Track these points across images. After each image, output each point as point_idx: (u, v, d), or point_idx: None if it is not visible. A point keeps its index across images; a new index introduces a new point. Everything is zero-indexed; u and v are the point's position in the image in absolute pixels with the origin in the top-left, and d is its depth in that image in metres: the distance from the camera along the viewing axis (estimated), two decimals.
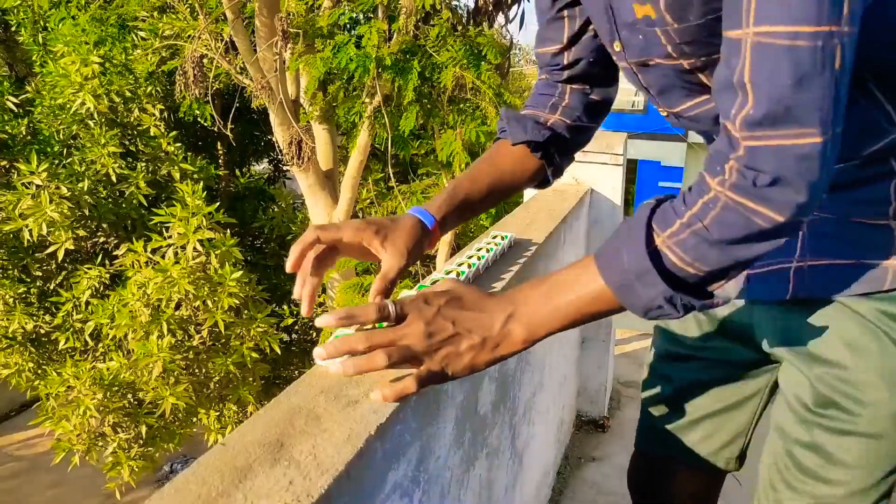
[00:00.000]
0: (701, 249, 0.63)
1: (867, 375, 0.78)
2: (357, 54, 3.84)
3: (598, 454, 2.55)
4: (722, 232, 0.62)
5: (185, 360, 3.89)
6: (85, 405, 3.68)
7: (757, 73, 0.58)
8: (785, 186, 0.59)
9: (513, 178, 0.99)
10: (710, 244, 0.63)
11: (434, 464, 0.91)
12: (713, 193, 0.63)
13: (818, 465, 0.83)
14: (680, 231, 0.64)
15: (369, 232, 0.81)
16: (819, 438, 0.82)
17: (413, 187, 5.02)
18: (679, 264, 0.64)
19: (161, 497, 0.57)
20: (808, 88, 0.56)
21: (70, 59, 4.42)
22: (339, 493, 0.62)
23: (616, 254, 0.67)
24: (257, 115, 6.77)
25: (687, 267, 0.64)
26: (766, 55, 0.57)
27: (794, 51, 0.56)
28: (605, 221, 2.58)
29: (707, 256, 0.63)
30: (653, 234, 0.65)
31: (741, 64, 0.59)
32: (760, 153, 0.59)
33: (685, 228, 0.63)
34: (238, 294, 3.89)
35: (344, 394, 0.76)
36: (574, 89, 0.99)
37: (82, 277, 4.30)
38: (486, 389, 1.19)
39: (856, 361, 0.78)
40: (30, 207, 3.83)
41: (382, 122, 4.31)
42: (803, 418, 0.84)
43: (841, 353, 0.79)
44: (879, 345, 0.77)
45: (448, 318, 0.69)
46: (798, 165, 0.58)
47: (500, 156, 1.00)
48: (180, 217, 3.87)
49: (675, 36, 0.70)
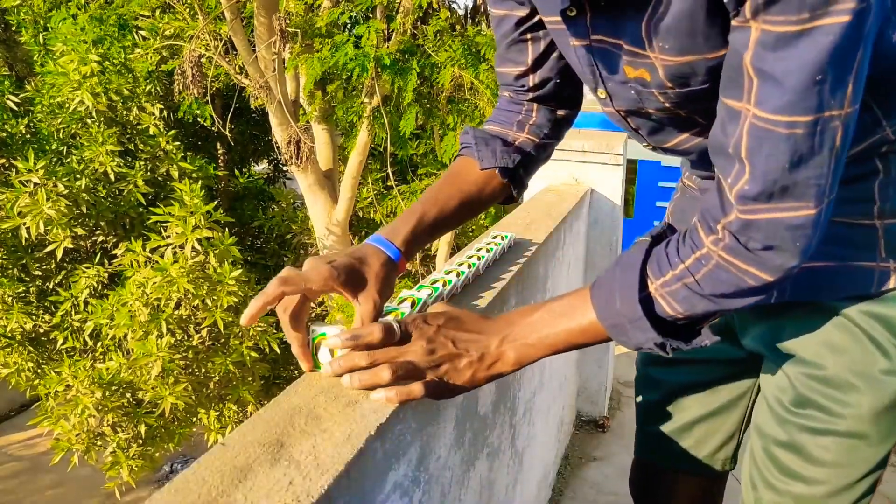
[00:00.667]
0: (692, 301, 0.65)
1: (847, 376, 0.78)
2: (356, 54, 3.84)
3: (598, 454, 2.55)
4: (713, 287, 0.64)
5: (184, 360, 3.88)
6: (84, 404, 3.68)
7: (753, 154, 0.59)
8: (777, 252, 0.61)
9: (479, 200, 0.95)
10: (701, 297, 0.65)
11: (434, 464, 0.91)
12: (706, 250, 0.64)
13: (797, 464, 0.83)
14: (672, 282, 0.66)
15: (338, 281, 0.77)
16: (798, 438, 0.82)
17: (413, 187, 5.02)
18: (670, 312, 0.67)
19: (161, 497, 0.56)
20: (803, 169, 0.57)
21: (69, 58, 4.42)
22: (339, 493, 0.61)
23: (610, 295, 0.69)
24: (257, 114, 6.78)
25: (677, 315, 0.67)
26: (764, 139, 0.57)
27: (792, 137, 0.56)
28: (605, 221, 2.58)
29: (696, 307, 0.66)
30: (646, 280, 0.67)
31: (738, 137, 0.59)
32: (753, 224, 0.61)
33: (677, 280, 0.66)
34: (237, 293, 3.89)
35: (344, 394, 0.76)
36: (541, 107, 0.96)
37: (81, 277, 4.29)
38: (486, 389, 1.19)
39: (835, 362, 0.78)
40: (27, 205, 3.82)
41: (381, 122, 4.31)
42: (782, 418, 0.84)
43: (821, 354, 0.79)
44: (860, 346, 0.77)
45: (448, 337, 0.73)
46: (790, 234, 0.60)
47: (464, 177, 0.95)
48: (178, 216, 3.87)
49: (673, 96, 0.70)
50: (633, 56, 0.67)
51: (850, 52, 0.53)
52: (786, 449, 0.83)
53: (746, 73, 0.57)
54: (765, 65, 0.55)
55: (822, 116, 0.55)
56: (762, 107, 0.56)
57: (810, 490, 0.82)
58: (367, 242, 0.84)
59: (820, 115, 0.55)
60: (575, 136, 2.56)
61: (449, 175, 0.96)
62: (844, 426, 0.78)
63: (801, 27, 0.52)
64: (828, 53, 0.52)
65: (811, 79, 0.53)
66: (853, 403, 0.78)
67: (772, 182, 0.59)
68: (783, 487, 0.84)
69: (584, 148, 2.43)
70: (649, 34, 0.64)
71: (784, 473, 0.84)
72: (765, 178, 0.59)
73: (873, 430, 0.78)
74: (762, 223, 0.60)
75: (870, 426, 0.78)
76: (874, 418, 0.77)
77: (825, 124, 0.55)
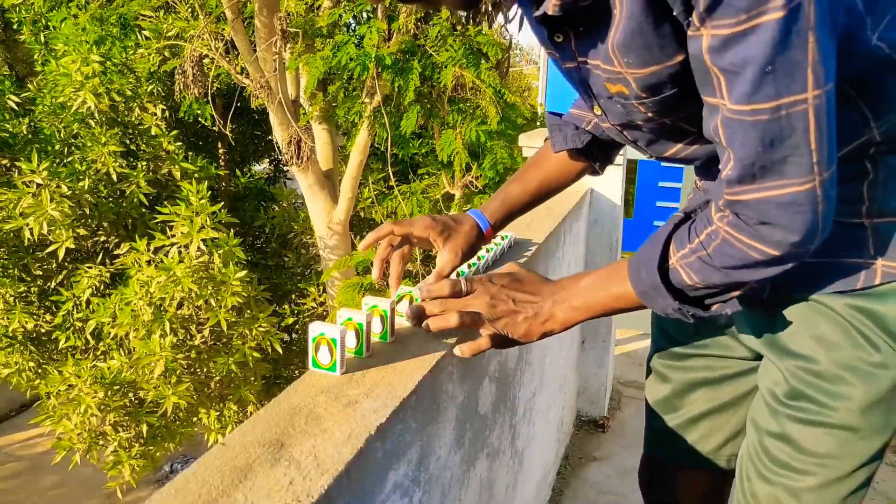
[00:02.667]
0: (706, 272, 0.72)
1: (837, 369, 0.80)
2: (357, 53, 3.84)
3: (598, 454, 2.55)
4: (723, 260, 0.71)
5: (186, 360, 3.88)
6: (86, 404, 3.68)
7: (730, 141, 0.65)
8: (774, 227, 0.66)
9: (559, 179, 1.12)
10: (714, 268, 0.72)
11: (434, 464, 0.91)
12: (715, 227, 0.71)
13: (789, 455, 0.84)
14: (688, 255, 0.74)
15: (436, 231, 0.98)
16: (789, 430, 0.84)
17: (413, 187, 5.02)
18: (688, 282, 0.74)
19: (161, 497, 0.57)
20: (778, 149, 0.63)
21: (71, 58, 4.42)
22: (339, 493, 0.62)
23: (639, 266, 0.78)
24: (258, 114, 6.78)
25: (694, 284, 0.74)
26: (735, 127, 0.64)
27: (759, 124, 0.62)
28: (605, 221, 2.58)
29: (711, 278, 0.72)
30: (668, 253, 0.76)
31: (717, 127, 0.66)
32: (742, 203, 0.67)
33: (692, 253, 0.73)
34: (241, 293, 3.89)
35: (344, 394, 0.76)
36: None
37: (83, 276, 4.29)
38: (486, 389, 1.19)
39: (827, 356, 0.81)
40: (30, 206, 3.82)
41: (382, 122, 4.31)
42: (775, 410, 0.86)
43: (812, 348, 0.82)
44: (850, 340, 0.79)
45: (509, 296, 0.84)
46: (782, 211, 0.65)
47: (546, 159, 1.12)
48: (184, 216, 3.87)
49: (652, 105, 0.75)
50: (609, 73, 0.74)
51: (795, 42, 0.58)
52: (778, 440, 0.85)
53: (712, 72, 0.63)
54: (724, 63, 0.61)
55: (781, 102, 0.61)
56: (730, 99, 0.63)
57: (802, 481, 0.83)
58: (465, 212, 1.05)
59: (779, 100, 0.61)
60: None
61: (534, 158, 1.14)
62: (836, 418, 0.80)
63: (741, 27, 0.59)
64: (770, 46, 0.58)
65: (761, 70, 0.60)
66: (845, 396, 0.79)
67: (749, 164, 0.65)
68: (775, 479, 0.86)
69: None
70: (614, 52, 0.71)
71: (776, 464, 0.85)
72: (742, 161, 0.65)
73: (865, 424, 0.80)
74: (751, 202, 0.66)
75: (861, 419, 0.79)
76: (865, 411, 0.79)
77: (789, 108, 0.61)
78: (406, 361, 0.86)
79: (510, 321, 0.83)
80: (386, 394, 0.76)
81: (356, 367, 0.84)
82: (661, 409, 1.12)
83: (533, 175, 1.11)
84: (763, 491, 0.88)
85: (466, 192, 4.73)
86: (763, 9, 0.57)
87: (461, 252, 0.99)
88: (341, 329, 0.81)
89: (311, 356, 0.81)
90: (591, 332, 2.66)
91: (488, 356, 1.19)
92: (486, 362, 1.17)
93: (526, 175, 1.12)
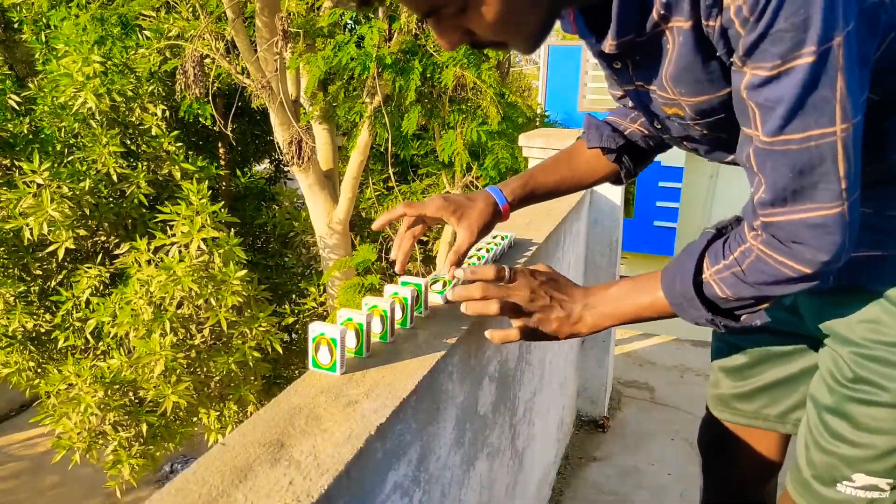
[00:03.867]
0: (738, 287, 0.78)
1: (889, 354, 0.86)
2: (358, 53, 3.84)
3: (598, 454, 2.55)
4: (756, 277, 0.76)
5: (186, 359, 3.88)
6: (86, 403, 3.67)
7: (762, 168, 0.72)
8: (805, 247, 0.72)
9: (583, 176, 1.16)
10: (746, 284, 0.77)
11: (434, 464, 0.91)
12: (748, 245, 0.77)
13: (845, 429, 0.91)
14: (723, 270, 0.79)
15: (448, 210, 1.02)
16: (847, 407, 0.91)
17: (413, 187, 5.02)
18: (721, 295, 0.80)
19: (162, 497, 0.57)
20: (808, 176, 0.69)
21: (72, 58, 4.42)
22: (339, 493, 0.62)
23: (674, 278, 0.84)
24: (259, 114, 6.77)
25: (728, 297, 0.80)
26: (766, 156, 0.71)
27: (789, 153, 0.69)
28: (605, 221, 2.58)
29: (743, 293, 0.78)
30: (702, 266, 0.81)
31: (750, 155, 0.73)
32: (774, 225, 0.74)
33: (727, 269, 0.79)
34: (241, 293, 3.89)
35: (344, 394, 0.76)
36: None
37: (82, 276, 4.29)
38: (486, 389, 1.19)
39: (879, 340, 0.87)
40: (31, 206, 3.82)
41: (383, 122, 4.31)
42: (833, 390, 0.93)
43: (869, 335, 0.88)
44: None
45: (547, 293, 0.90)
46: (811, 232, 0.71)
47: (577, 154, 1.16)
48: (185, 216, 3.87)
49: (705, 125, 0.83)
50: (665, 98, 0.82)
51: (825, 82, 0.65)
52: (836, 416, 0.92)
53: (749, 105, 0.70)
54: (759, 98, 0.68)
55: (811, 134, 0.67)
56: (763, 131, 0.69)
57: (856, 452, 0.91)
58: (483, 189, 1.08)
59: (808, 132, 0.67)
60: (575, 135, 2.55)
61: (564, 150, 1.18)
62: (888, 398, 0.86)
63: (777, 70, 0.65)
64: (802, 87, 0.65)
65: (794, 107, 0.66)
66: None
67: (781, 189, 0.71)
68: (833, 449, 0.93)
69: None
70: (668, 83, 0.78)
71: (833, 437, 0.92)
72: (774, 186, 0.71)
73: None
74: (783, 224, 0.73)
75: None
76: None
77: (818, 140, 0.67)
78: (406, 361, 0.86)
79: (544, 317, 0.89)
80: (386, 394, 0.76)
81: (356, 367, 0.84)
82: (733, 377, 1.18)
83: (561, 165, 1.16)
84: (820, 459, 0.95)
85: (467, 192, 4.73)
86: (796, 54, 0.64)
87: (476, 230, 1.03)
88: (341, 329, 0.81)
89: (311, 356, 0.81)
90: None
91: (488, 356, 1.19)
92: (486, 362, 1.17)
93: (553, 163, 1.16)
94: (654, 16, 0.72)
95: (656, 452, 2.60)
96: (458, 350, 0.97)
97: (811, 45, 0.63)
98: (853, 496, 0.92)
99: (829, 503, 0.94)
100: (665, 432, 2.76)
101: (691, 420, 2.86)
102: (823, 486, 0.95)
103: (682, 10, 0.69)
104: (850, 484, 0.92)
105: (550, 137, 2.53)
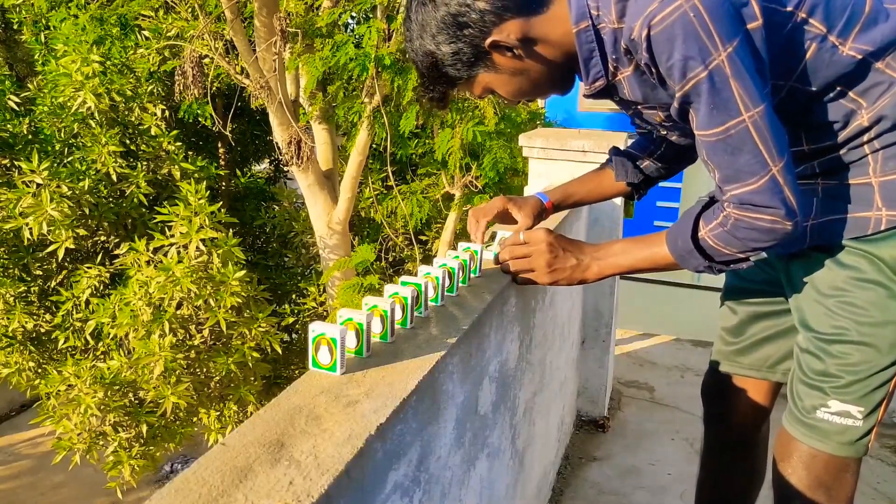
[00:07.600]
0: (728, 240, 1.01)
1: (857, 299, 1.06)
2: (357, 53, 3.84)
3: (598, 454, 2.55)
4: (740, 234, 1.00)
5: (186, 360, 3.88)
6: (86, 404, 3.67)
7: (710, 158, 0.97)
8: (763, 207, 0.95)
9: (608, 192, 1.50)
10: (734, 238, 1.01)
11: (435, 464, 0.91)
12: (726, 212, 1.00)
13: (823, 365, 1.11)
14: (715, 228, 1.02)
15: (511, 204, 1.36)
16: (822, 347, 1.11)
17: (413, 187, 5.02)
18: (715, 246, 1.03)
19: (161, 497, 0.57)
20: (739, 156, 0.94)
21: (71, 59, 4.41)
22: (339, 493, 0.62)
23: (675, 236, 1.07)
24: (258, 114, 6.77)
25: (719, 248, 1.03)
26: (707, 148, 0.97)
27: (719, 143, 0.94)
28: (604, 221, 2.58)
29: (732, 243, 1.01)
30: (699, 225, 1.04)
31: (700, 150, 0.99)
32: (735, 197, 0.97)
33: (718, 227, 1.02)
34: (240, 293, 3.88)
35: (344, 394, 0.76)
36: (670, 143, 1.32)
37: (82, 276, 4.29)
38: (486, 389, 1.19)
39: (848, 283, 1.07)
40: (30, 206, 3.81)
41: (382, 122, 4.31)
42: (809, 338, 1.13)
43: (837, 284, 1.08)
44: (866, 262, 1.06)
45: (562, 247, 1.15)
46: (760, 195, 0.95)
47: (605, 177, 1.48)
48: (183, 216, 3.87)
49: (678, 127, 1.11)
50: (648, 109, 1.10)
51: (721, 87, 0.89)
52: (813, 356, 1.13)
53: (685, 110, 0.96)
54: (687, 106, 0.95)
55: (729, 125, 0.92)
56: (696, 128, 0.96)
57: (835, 381, 1.10)
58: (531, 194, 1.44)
59: (726, 124, 0.92)
60: (575, 136, 2.56)
61: (598, 171, 1.50)
62: (856, 336, 1.07)
63: (687, 87, 0.92)
64: (707, 94, 0.91)
65: (708, 109, 0.92)
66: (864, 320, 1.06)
67: (725, 169, 0.96)
68: (813, 382, 1.13)
69: (583, 148, 2.43)
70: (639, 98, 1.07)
71: (814, 373, 1.13)
72: (720, 169, 0.97)
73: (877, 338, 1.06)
74: (739, 195, 0.97)
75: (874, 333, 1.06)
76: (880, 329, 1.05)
77: (736, 128, 0.92)
78: (406, 361, 0.86)
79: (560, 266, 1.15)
80: (386, 394, 0.76)
81: (356, 367, 0.84)
82: (730, 334, 1.42)
83: (592, 180, 1.49)
84: (803, 391, 1.15)
85: (466, 192, 4.73)
86: (691, 76, 0.90)
87: (532, 217, 1.36)
88: (341, 329, 0.81)
89: (311, 356, 0.81)
90: (592, 332, 2.66)
91: (488, 356, 1.19)
92: (486, 362, 1.18)
93: (587, 177, 1.50)
94: (611, 68, 1.03)
95: (656, 452, 2.60)
96: (458, 350, 0.97)
97: (699, 66, 0.88)
98: (830, 421, 1.12)
99: (812, 429, 1.14)
100: (665, 432, 2.76)
101: (691, 420, 2.86)
102: (807, 414, 1.14)
103: (624, 64, 1.01)
104: (827, 410, 1.12)
105: (550, 137, 2.53)
